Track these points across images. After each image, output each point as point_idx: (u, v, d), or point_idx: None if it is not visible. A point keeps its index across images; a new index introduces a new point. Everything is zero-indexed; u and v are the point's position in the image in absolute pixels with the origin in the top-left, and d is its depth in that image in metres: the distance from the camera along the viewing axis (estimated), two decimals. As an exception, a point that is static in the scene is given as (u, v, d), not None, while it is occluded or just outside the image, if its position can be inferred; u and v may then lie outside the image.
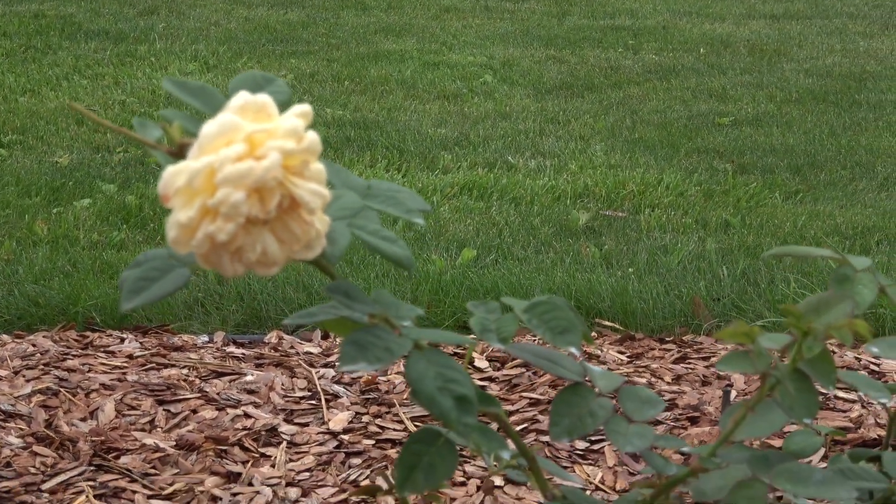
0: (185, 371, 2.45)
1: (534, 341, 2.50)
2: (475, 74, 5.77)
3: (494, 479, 1.99)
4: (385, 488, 1.09)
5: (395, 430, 2.22)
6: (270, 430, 2.21)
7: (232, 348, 2.60)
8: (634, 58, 6.32)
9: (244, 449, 2.14)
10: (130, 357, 2.53)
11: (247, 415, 2.26)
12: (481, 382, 2.41)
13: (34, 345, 2.57)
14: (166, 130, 0.87)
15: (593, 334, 2.73)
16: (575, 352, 0.99)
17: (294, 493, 2.00)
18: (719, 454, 1.03)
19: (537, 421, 2.24)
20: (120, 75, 5.55)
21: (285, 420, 2.25)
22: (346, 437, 2.19)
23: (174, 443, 2.14)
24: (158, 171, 0.82)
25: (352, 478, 2.05)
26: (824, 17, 7.66)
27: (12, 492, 1.98)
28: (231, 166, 0.80)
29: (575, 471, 2.08)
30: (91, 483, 2.02)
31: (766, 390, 0.98)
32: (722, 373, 2.44)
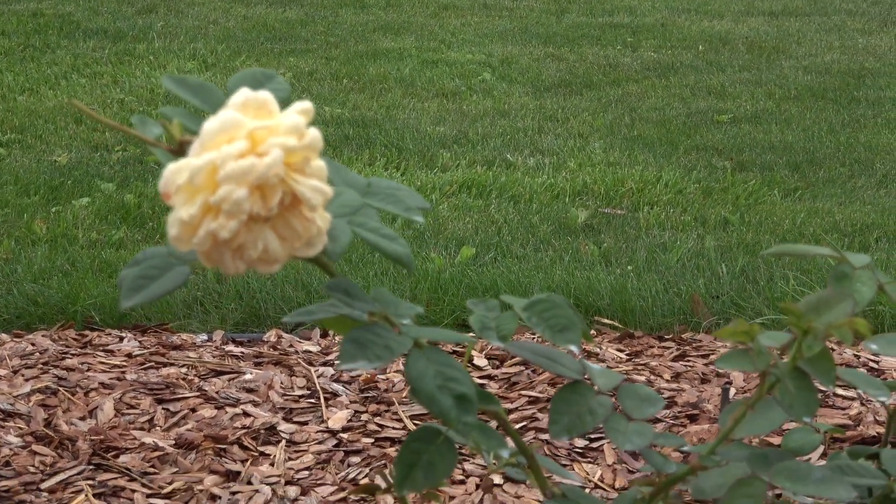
0: (184, 370, 2.45)
1: (533, 339, 2.50)
2: (474, 72, 5.77)
3: (494, 477, 1.99)
4: (384, 487, 1.09)
5: (394, 428, 2.22)
6: (269, 428, 2.21)
7: (231, 347, 2.60)
8: (633, 55, 6.32)
9: (243, 448, 2.14)
10: (129, 356, 2.53)
11: (246, 413, 2.26)
12: (480, 380, 2.41)
13: (33, 344, 2.57)
14: (166, 128, 0.87)
15: (592, 332, 2.73)
16: (574, 350, 0.99)
17: (293, 491, 1.99)
18: (719, 452, 1.03)
19: (536, 419, 2.24)
20: (118, 74, 5.55)
21: (284, 419, 2.25)
22: (345, 435, 2.19)
23: (173, 442, 2.14)
24: (157, 169, 0.82)
25: (351, 476, 2.05)
26: (823, 14, 7.66)
27: (11, 491, 1.98)
28: (233, 163, 0.80)
29: (574, 469, 2.08)
30: (90, 482, 2.02)
31: (766, 388, 0.98)
32: (721, 370, 2.44)
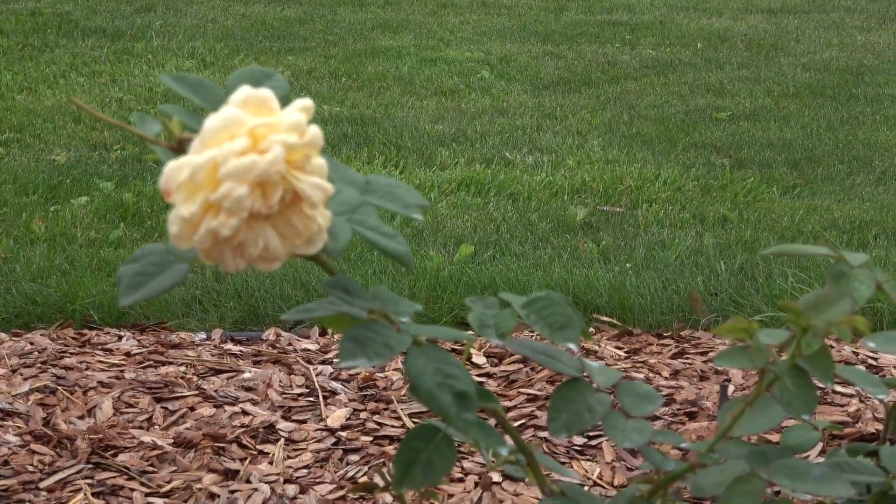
0: (182, 368, 2.45)
1: (532, 337, 2.50)
2: (472, 70, 5.77)
3: (492, 475, 1.99)
4: (382, 485, 1.09)
5: (392, 426, 2.22)
6: (268, 427, 2.21)
7: (230, 345, 2.60)
8: (632, 53, 6.32)
9: (242, 446, 2.14)
10: (128, 355, 2.53)
11: (244, 412, 2.26)
12: (479, 378, 2.41)
13: (32, 343, 2.57)
14: (166, 125, 0.87)
15: (591, 330, 2.73)
16: (573, 347, 0.99)
17: (292, 490, 1.99)
18: (717, 449, 1.03)
19: (535, 417, 2.24)
20: (117, 73, 5.55)
21: (283, 417, 2.25)
22: (343, 433, 2.19)
23: (172, 440, 2.14)
24: (156, 168, 0.82)
25: (350, 474, 2.05)
26: (822, 12, 7.66)
27: (10, 490, 1.98)
28: (235, 160, 0.79)
29: (573, 466, 2.08)
30: (89, 481, 2.02)
31: (765, 386, 0.98)
32: (720, 368, 2.44)
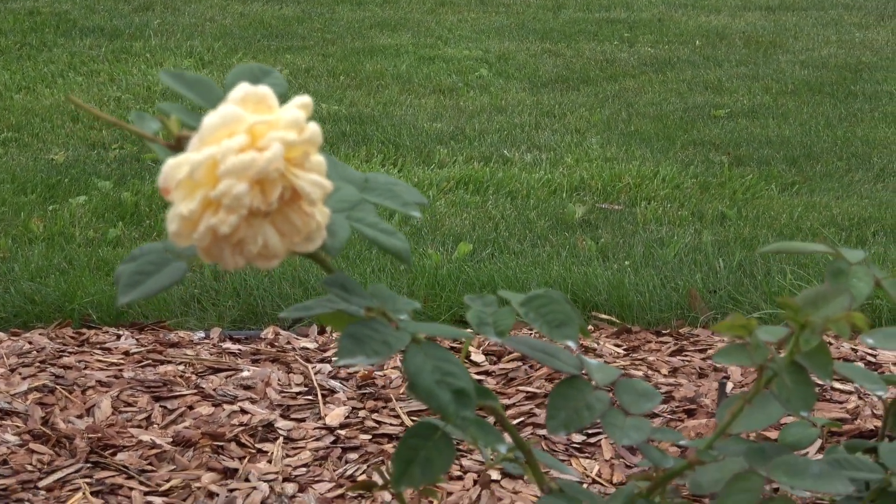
0: (181, 367, 2.45)
1: (531, 335, 2.50)
2: (471, 68, 5.76)
3: (491, 473, 1.99)
4: (381, 483, 1.09)
5: (391, 424, 2.21)
6: (267, 425, 2.21)
7: (228, 344, 2.60)
8: (630, 50, 6.32)
9: (241, 445, 2.13)
10: (127, 354, 2.53)
11: (243, 410, 2.26)
12: (478, 376, 2.41)
13: (30, 342, 2.57)
14: (164, 123, 0.87)
15: (590, 327, 2.72)
16: (571, 345, 0.99)
17: (291, 488, 1.99)
18: (716, 447, 1.03)
19: (534, 414, 2.24)
20: (115, 72, 5.55)
21: (282, 415, 2.25)
22: (342, 432, 2.18)
23: (171, 439, 2.14)
24: (154, 167, 0.82)
25: (349, 473, 2.05)
26: (820, 9, 7.66)
27: (9, 489, 1.98)
28: (234, 157, 0.79)
29: (572, 464, 2.08)
30: (88, 480, 2.01)
31: (763, 383, 0.98)
32: (719, 365, 2.44)
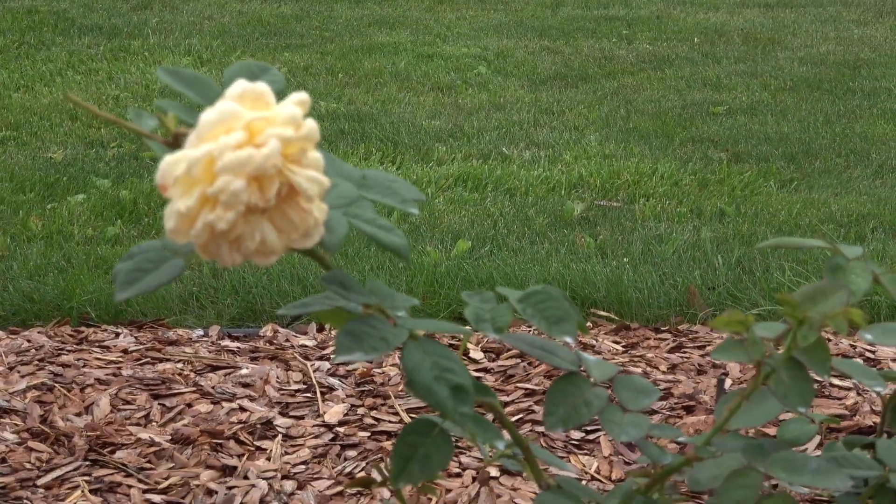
0: (179, 365, 2.45)
1: (529, 331, 2.50)
2: (469, 66, 5.76)
3: (490, 469, 1.99)
4: (380, 480, 1.09)
5: (390, 421, 2.21)
6: (266, 423, 2.21)
7: (227, 342, 2.60)
8: (628, 48, 6.32)
9: (239, 442, 2.13)
10: (125, 352, 2.53)
11: (242, 408, 2.26)
12: (477, 373, 2.41)
13: (29, 340, 2.57)
14: (162, 120, 0.87)
15: (588, 324, 2.73)
16: (570, 341, 0.99)
17: (290, 485, 1.99)
18: (714, 443, 1.03)
19: (532, 411, 2.24)
20: (113, 70, 5.54)
21: (280, 413, 2.25)
22: (341, 429, 2.18)
23: (169, 437, 2.14)
24: (152, 165, 0.82)
25: (347, 470, 2.05)
26: (818, 6, 7.66)
27: (7, 487, 1.98)
28: (231, 154, 0.79)
29: (570, 460, 2.08)
30: (86, 478, 2.01)
31: (761, 379, 0.98)
32: (717, 362, 2.44)
